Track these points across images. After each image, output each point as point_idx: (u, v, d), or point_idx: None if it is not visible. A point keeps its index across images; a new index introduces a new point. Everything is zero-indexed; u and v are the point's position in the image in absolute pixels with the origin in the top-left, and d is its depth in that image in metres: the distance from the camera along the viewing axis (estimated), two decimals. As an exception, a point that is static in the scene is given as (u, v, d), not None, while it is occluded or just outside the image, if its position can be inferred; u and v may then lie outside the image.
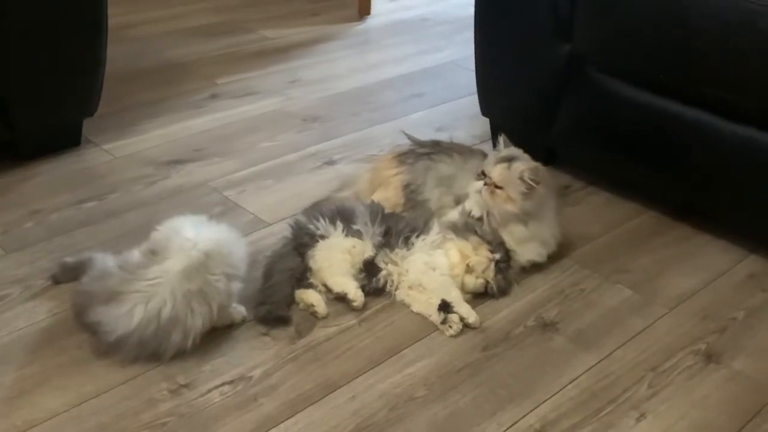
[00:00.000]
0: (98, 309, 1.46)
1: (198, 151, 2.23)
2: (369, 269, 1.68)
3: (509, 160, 1.74)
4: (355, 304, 1.63)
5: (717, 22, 1.68)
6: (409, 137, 1.96)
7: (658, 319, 1.66)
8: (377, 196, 1.85)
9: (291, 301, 1.64)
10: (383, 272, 1.68)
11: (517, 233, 1.74)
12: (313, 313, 1.61)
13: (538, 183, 1.70)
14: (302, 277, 1.66)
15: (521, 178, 1.70)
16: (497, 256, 1.68)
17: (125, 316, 1.43)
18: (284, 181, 2.11)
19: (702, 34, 1.72)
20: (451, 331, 1.59)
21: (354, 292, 1.63)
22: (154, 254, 1.48)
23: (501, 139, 1.82)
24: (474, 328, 1.61)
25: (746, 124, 1.75)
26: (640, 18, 1.82)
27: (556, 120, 2.09)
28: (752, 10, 1.63)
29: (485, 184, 1.74)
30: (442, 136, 2.08)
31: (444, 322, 1.60)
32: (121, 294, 1.45)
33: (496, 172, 1.72)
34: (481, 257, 1.67)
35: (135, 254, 1.52)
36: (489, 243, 1.69)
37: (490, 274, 1.68)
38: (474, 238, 1.70)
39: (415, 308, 1.65)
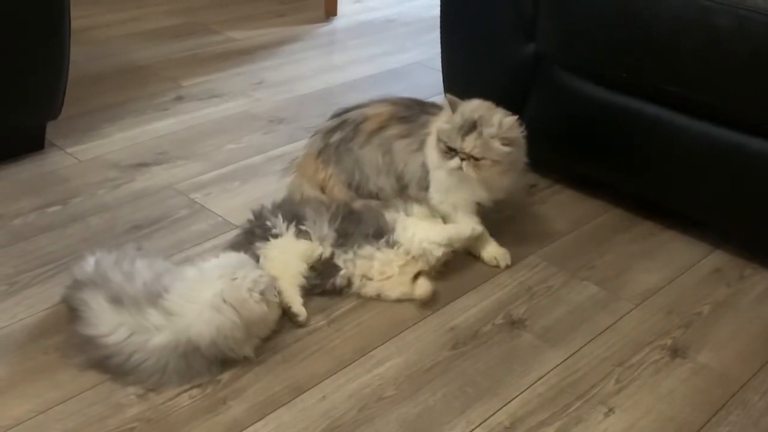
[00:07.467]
0: (97, 296, 1.43)
1: (163, 153, 2.21)
2: (326, 269, 1.66)
3: (473, 126, 1.67)
4: (300, 319, 1.58)
5: (672, 19, 1.70)
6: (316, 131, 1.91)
7: (625, 315, 1.68)
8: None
9: None
10: (342, 272, 1.66)
11: (505, 183, 1.76)
12: (292, 317, 1.58)
13: (515, 135, 1.70)
14: None
15: (500, 141, 1.67)
16: None
17: (111, 326, 1.40)
18: (250, 183, 2.09)
19: (658, 32, 1.74)
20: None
21: (299, 307, 1.59)
22: (156, 302, 1.42)
23: (446, 100, 1.74)
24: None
25: (703, 119, 1.77)
26: (598, 17, 1.83)
27: (523, 119, 2.09)
28: (707, 8, 1.65)
29: (462, 159, 1.67)
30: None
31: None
32: (124, 306, 1.41)
33: (469, 145, 1.66)
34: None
35: (168, 276, 1.48)
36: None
37: None
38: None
39: (393, 295, 1.65)
